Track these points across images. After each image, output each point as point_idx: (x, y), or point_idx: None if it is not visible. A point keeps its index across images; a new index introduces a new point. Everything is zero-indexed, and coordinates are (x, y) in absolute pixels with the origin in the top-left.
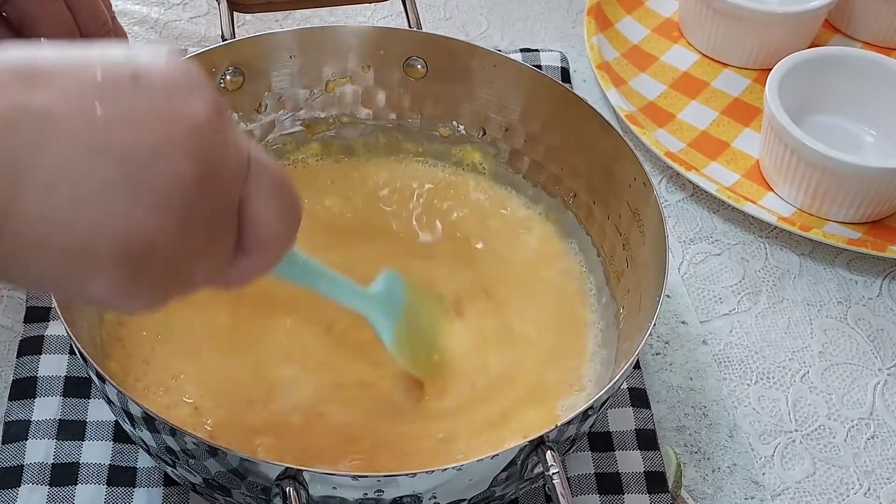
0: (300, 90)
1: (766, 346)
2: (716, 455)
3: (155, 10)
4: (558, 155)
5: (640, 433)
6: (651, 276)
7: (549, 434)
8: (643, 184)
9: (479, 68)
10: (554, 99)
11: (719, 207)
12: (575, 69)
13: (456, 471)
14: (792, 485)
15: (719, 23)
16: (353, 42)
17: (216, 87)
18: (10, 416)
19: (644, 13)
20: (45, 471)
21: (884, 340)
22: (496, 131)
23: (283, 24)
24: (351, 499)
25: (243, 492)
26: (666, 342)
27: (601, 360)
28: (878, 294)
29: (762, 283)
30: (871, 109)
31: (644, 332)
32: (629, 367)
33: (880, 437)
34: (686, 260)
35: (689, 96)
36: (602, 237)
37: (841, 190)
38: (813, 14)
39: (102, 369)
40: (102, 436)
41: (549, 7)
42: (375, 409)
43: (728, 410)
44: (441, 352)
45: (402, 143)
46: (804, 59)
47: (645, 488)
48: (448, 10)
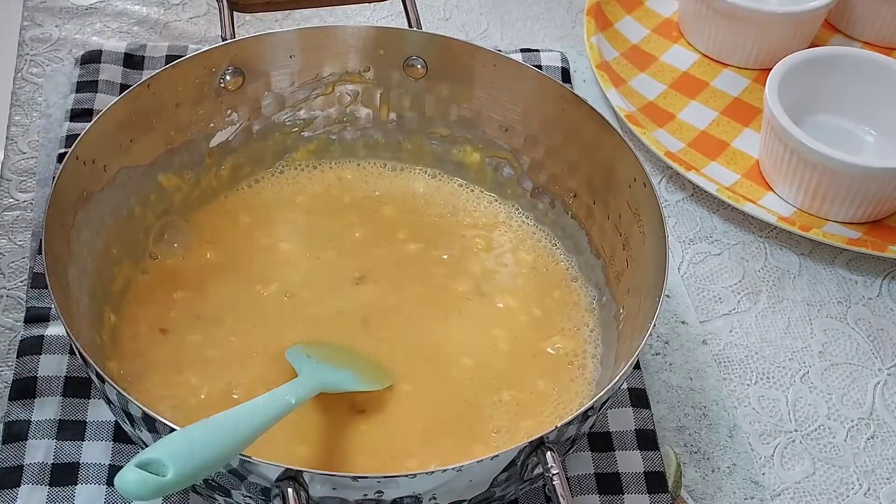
0: (300, 90)
1: (766, 346)
2: (716, 455)
3: (155, 10)
4: (558, 155)
5: (640, 433)
6: (651, 276)
7: (549, 435)
8: (643, 184)
9: (479, 68)
10: (554, 99)
11: (719, 207)
12: (575, 69)
13: (456, 471)
14: (792, 485)
15: (719, 23)
16: (353, 42)
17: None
18: (10, 416)
19: (644, 13)
20: (45, 471)
21: (884, 340)
22: (496, 131)
23: (283, 24)
24: (351, 499)
25: (243, 492)
26: (666, 342)
27: (601, 361)
28: (878, 294)
29: (762, 283)
30: (871, 109)
31: (644, 332)
32: (629, 367)
33: (880, 437)
34: (686, 260)
35: (689, 96)
36: (602, 237)
37: (841, 190)
38: (813, 14)
39: (102, 370)
40: (102, 436)
41: (549, 7)
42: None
43: (728, 410)
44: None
45: (401, 144)
46: (804, 59)
47: (645, 488)
48: (448, 10)
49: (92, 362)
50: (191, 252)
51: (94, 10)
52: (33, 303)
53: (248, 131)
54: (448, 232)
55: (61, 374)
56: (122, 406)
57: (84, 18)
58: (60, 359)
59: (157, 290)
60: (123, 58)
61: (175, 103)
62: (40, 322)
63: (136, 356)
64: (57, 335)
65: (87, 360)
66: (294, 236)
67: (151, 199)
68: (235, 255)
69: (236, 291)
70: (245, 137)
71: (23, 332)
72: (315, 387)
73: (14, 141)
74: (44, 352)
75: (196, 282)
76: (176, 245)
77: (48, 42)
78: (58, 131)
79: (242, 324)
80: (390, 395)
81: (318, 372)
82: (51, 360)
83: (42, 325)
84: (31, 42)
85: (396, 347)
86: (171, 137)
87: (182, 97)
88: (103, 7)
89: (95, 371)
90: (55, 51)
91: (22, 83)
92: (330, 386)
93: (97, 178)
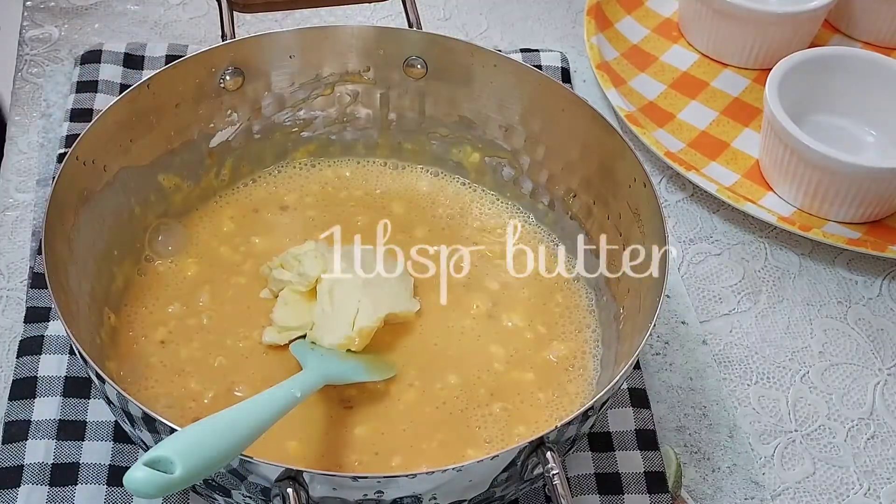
0: (300, 90)
1: (766, 346)
2: (716, 455)
3: (155, 11)
4: (558, 155)
5: (640, 433)
6: (651, 276)
7: (549, 435)
8: (643, 184)
9: (479, 68)
10: (554, 99)
11: (719, 207)
12: (575, 69)
13: (456, 472)
14: (792, 485)
15: (719, 23)
16: (352, 42)
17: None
18: (10, 416)
19: (644, 13)
20: (45, 471)
21: (884, 340)
22: (496, 131)
23: (283, 24)
24: (351, 500)
25: (243, 492)
26: (666, 342)
27: (601, 361)
28: (878, 294)
29: (762, 283)
30: (871, 109)
31: (644, 332)
32: (629, 367)
33: (880, 437)
34: (686, 260)
35: (689, 96)
36: (602, 237)
37: (841, 190)
38: (813, 14)
39: (102, 370)
40: (102, 436)
41: (549, 7)
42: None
43: (728, 410)
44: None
45: (401, 144)
46: (804, 59)
47: (645, 488)
48: (448, 10)
49: (92, 362)
50: (187, 252)
51: (94, 10)
52: (33, 303)
53: (248, 131)
54: (446, 229)
55: (61, 373)
56: (122, 406)
57: (84, 18)
58: (60, 359)
59: (157, 290)
60: (123, 58)
61: (175, 103)
62: (40, 322)
63: (135, 356)
64: (57, 335)
65: (87, 360)
66: (294, 235)
67: (151, 200)
68: (235, 254)
69: (237, 291)
70: (245, 137)
71: (23, 332)
72: (320, 379)
73: (14, 141)
74: (44, 352)
75: (195, 282)
76: (171, 247)
77: (48, 42)
78: (58, 131)
79: (242, 322)
80: (381, 391)
81: (324, 363)
82: (51, 360)
83: (42, 325)
84: (31, 42)
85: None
86: (171, 137)
87: (182, 97)
88: (103, 7)
89: (95, 371)
90: (55, 51)
91: (22, 83)
92: (335, 377)
93: (97, 178)
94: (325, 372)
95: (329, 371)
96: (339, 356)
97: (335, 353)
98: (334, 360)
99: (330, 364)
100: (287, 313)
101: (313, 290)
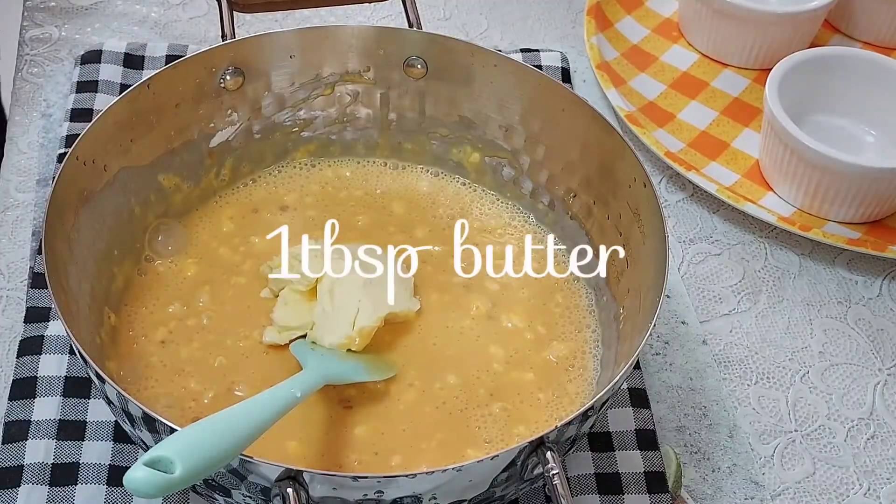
0: (300, 90)
1: (766, 346)
2: (716, 455)
3: (155, 10)
4: (558, 155)
5: (640, 433)
6: (651, 276)
7: (549, 434)
8: (643, 184)
9: (479, 68)
10: (554, 99)
11: (719, 207)
12: (575, 69)
13: (456, 471)
14: (792, 485)
15: (719, 23)
16: (353, 42)
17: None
18: (10, 416)
19: (644, 13)
20: (45, 471)
21: (884, 340)
22: (496, 131)
23: (283, 24)
24: (351, 499)
25: (243, 492)
26: (666, 342)
27: (601, 361)
28: (878, 294)
29: (762, 283)
30: (871, 109)
31: (644, 332)
32: (629, 367)
33: (880, 437)
34: (686, 260)
35: (689, 96)
36: (602, 237)
37: (841, 190)
38: (813, 14)
39: (102, 370)
40: (102, 436)
41: (549, 7)
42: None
43: (728, 410)
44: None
45: (401, 144)
46: (804, 59)
47: (645, 488)
48: (448, 10)
49: (92, 362)
50: (187, 252)
51: (94, 10)
52: (33, 303)
53: (248, 131)
54: (445, 229)
55: (61, 373)
56: (122, 406)
57: (84, 18)
58: (60, 359)
59: (157, 290)
60: (123, 58)
61: (175, 103)
62: (40, 322)
63: (135, 356)
64: (57, 335)
65: (87, 359)
66: (294, 235)
67: (151, 200)
68: (235, 255)
69: (237, 291)
70: (245, 137)
71: (23, 332)
72: (320, 379)
73: (14, 141)
74: (44, 352)
75: (195, 282)
76: (171, 247)
77: (48, 42)
78: (58, 131)
79: (242, 322)
80: (381, 391)
81: (324, 363)
82: (51, 359)
83: (42, 325)
84: (31, 42)
85: (395, 347)
86: (171, 137)
87: (182, 97)
88: (103, 7)
89: (95, 371)
90: (55, 51)
91: (22, 83)
92: (335, 377)
93: (97, 178)
94: (325, 372)
95: (329, 371)
96: (339, 356)
97: (335, 353)
98: (334, 360)
99: (330, 364)
100: (287, 313)
101: (313, 289)
